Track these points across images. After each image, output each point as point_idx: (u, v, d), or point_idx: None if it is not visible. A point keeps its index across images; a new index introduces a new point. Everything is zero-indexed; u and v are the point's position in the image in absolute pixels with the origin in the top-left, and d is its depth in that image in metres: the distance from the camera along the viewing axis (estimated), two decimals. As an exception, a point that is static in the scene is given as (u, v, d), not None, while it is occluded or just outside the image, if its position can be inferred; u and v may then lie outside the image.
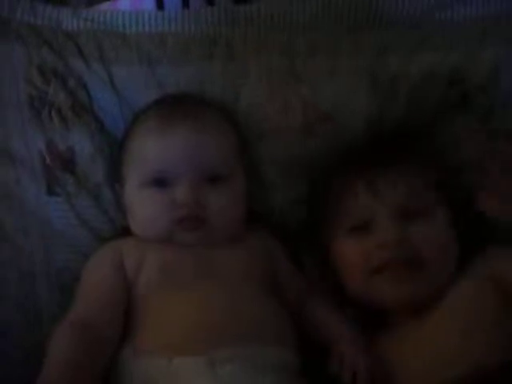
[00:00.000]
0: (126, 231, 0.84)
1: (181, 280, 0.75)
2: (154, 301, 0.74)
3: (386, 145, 0.85)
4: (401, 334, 0.75)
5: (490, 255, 0.76)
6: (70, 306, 0.80)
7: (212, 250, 0.78)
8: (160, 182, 0.79)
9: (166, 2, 0.91)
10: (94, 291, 0.75)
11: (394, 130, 0.88)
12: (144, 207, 0.80)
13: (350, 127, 0.89)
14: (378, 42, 0.88)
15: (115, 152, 0.87)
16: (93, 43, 0.86)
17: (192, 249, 0.78)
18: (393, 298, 0.75)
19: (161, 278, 0.76)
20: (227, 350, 0.67)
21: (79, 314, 0.72)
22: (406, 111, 0.89)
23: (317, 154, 0.89)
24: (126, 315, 0.74)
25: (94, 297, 0.74)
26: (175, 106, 0.83)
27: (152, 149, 0.80)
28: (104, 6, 0.91)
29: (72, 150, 0.86)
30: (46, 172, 0.86)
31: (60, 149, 0.86)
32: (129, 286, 0.76)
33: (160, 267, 0.76)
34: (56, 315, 0.83)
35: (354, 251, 0.77)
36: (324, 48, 0.89)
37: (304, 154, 0.89)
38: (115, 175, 0.86)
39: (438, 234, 0.76)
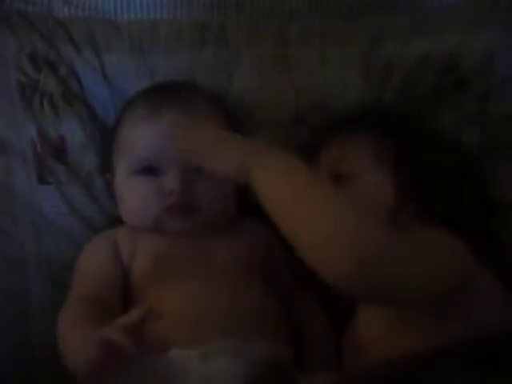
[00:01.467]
0: (118, 221, 0.84)
1: (173, 270, 0.75)
2: (148, 292, 0.73)
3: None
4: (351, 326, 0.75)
5: None
6: (60, 294, 0.80)
7: (205, 240, 0.78)
8: (149, 171, 0.78)
9: (159, -11, 0.91)
10: (92, 272, 0.75)
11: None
12: (133, 196, 0.79)
13: (340, 116, 0.87)
14: (371, 29, 0.88)
15: (106, 141, 0.87)
16: (84, 30, 0.86)
17: (184, 238, 0.77)
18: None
19: (153, 268, 0.75)
20: (220, 343, 0.66)
21: (81, 291, 0.72)
22: (399, 98, 0.88)
23: (308, 141, 0.87)
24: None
25: (93, 276, 0.74)
26: (163, 94, 0.82)
27: (140, 136, 0.79)
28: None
29: (63, 138, 0.86)
30: (37, 160, 0.86)
31: (51, 137, 0.86)
32: (126, 273, 0.76)
33: (152, 257, 0.76)
34: (47, 304, 0.84)
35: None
36: (316, 36, 0.88)
37: (296, 141, 0.88)
38: (106, 165, 0.86)
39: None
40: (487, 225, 0.80)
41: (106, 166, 0.86)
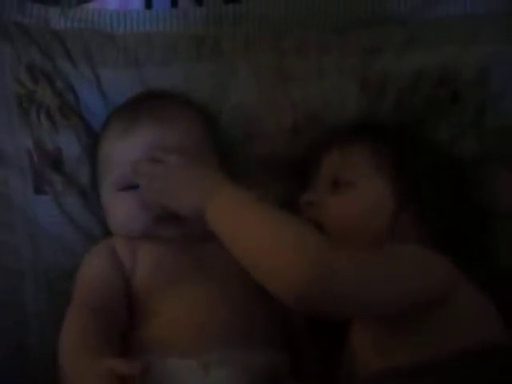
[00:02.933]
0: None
1: (174, 277, 0.75)
2: (148, 301, 0.73)
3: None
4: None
5: None
6: (56, 303, 0.82)
7: (202, 248, 0.78)
8: (132, 185, 0.78)
9: (155, 1, 0.90)
10: (94, 282, 0.74)
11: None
12: (118, 210, 0.80)
13: (339, 128, 0.88)
14: (367, 41, 0.88)
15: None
16: (80, 43, 0.87)
17: (183, 246, 0.77)
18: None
19: (154, 276, 0.75)
20: (220, 352, 0.67)
21: (84, 300, 0.71)
22: (395, 111, 0.88)
23: (305, 154, 0.88)
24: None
25: (95, 286, 0.73)
26: (137, 108, 0.82)
27: (117, 150, 0.80)
28: (92, 5, 0.91)
29: (59, 149, 0.86)
30: (33, 171, 0.86)
31: (48, 148, 0.86)
32: (127, 281, 0.75)
33: (152, 264, 0.76)
34: (43, 313, 0.84)
35: None
36: (313, 48, 0.88)
37: (293, 153, 0.89)
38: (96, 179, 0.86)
39: None
40: (481, 235, 0.81)
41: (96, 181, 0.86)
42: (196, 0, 0.92)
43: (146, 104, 0.83)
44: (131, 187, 0.78)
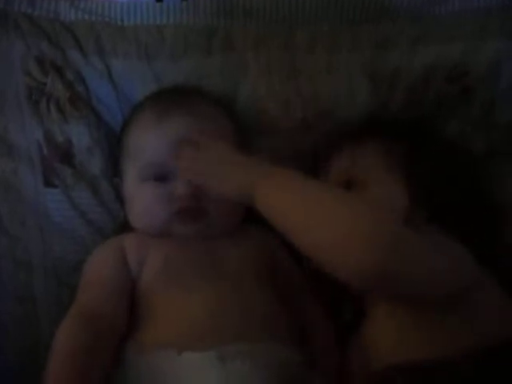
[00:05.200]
0: (124, 225, 0.84)
1: (185, 276, 0.75)
2: (160, 297, 0.73)
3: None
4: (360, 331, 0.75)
5: None
6: (66, 296, 0.82)
7: (215, 245, 0.78)
8: (158, 176, 0.78)
9: (165, -6, 0.90)
10: (97, 283, 0.75)
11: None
12: (143, 201, 0.80)
13: (350, 123, 0.88)
14: (378, 37, 0.88)
15: (113, 145, 0.87)
16: (90, 35, 0.86)
17: (195, 244, 0.77)
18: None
19: (165, 274, 0.75)
20: (236, 346, 0.67)
21: (83, 305, 0.71)
22: (406, 106, 0.88)
23: (315, 149, 0.88)
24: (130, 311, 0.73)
25: (98, 288, 0.73)
26: (171, 98, 0.83)
27: (148, 141, 0.80)
28: (103, -3, 0.91)
29: (70, 141, 0.86)
30: (43, 163, 0.86)
31: (58, 140, 0.86)
32: (133, 281, 0.75)
33: (163, 263, 0.76)
34: (52, 306, 0.85)
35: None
36: (324, 42, 0.88)
37: (303, 148, 0.89)
38: (114, 169, 0.86)
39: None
40: (493, 231, 0.81)
41: (113, 171, 0.86)
42: (207, -8, 0.91)
43: (175, 97, 0.83)
44: (160, 176, 0.78)
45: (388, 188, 0.78)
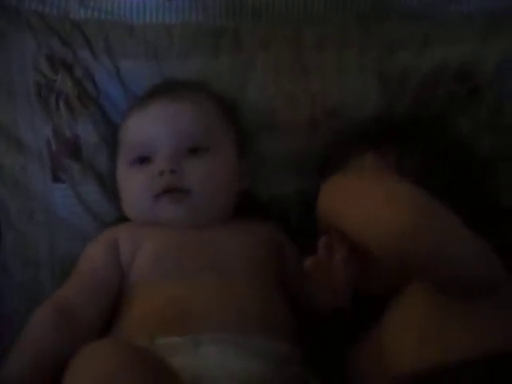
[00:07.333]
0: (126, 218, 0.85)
1: (173, 266, 0.74)
2: (143, 289, 0.73)
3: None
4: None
5: None
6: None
7: (209, 236, 0.78)
8: (143, 160, 0.79)
9: (175, -8, 0.90)
10: (83, 275, 0.75)
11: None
12: (129, 186, 0.81)
13: (358, 122, 0.88)
14: (386, 36, 0.88)
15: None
16: (100, 34, 0.87)
17: (188, 234, 0.77)
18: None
19: (154, 265, 0.75)
20: (213, 334, 0.66)
21: (63, 296, 0.72)
22: (414, 106, 0.88)
23: (323, 148, 0.88)
24: (117, 305, 0.74)
25: (83, 281, 0.74)
26: (162, 86, 0.84)
27: (133, 122, 0.81)
28: (112, -5, 0.91)
29: (78, 137, 0.87)
30: (52, 159, 0.87)
31: (66, 136, 0.87)
32: (122, 273, 0.76)
33: (156, 252, 0.76)
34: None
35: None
36: (332, 42, 0.88)
37: (310, 148, 0.89)
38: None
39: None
40: (499, 233, 0.80)
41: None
42: (216, -9, 0.92)
43: (164, 86, 0.84)
44: (144, 160, 0.79)
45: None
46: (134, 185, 0.80)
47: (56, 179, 0.87)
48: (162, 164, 0.77)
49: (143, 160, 0.79)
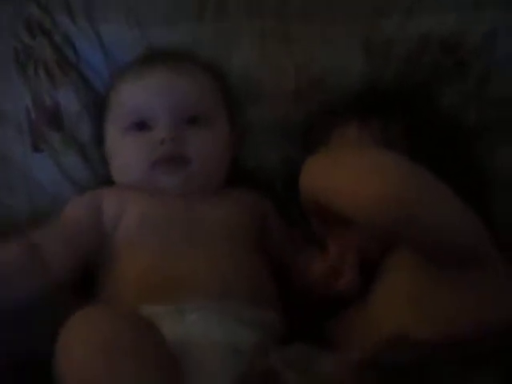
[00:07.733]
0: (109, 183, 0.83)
1: (158, 232, 0.74)
2: (128, 252, 0.73)
3: None
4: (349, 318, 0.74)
5: None
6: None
7: (197, 202, 0.77)
8: (140, 126, 0.78)
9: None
10: (59, 224, 0.75)
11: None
12: (124, 151, 0.79)
13: (343, 91, 0.87)
14: (372, 6, 0.87)
15: (101, 111, 0.86)
16: (80, -1, 0.85)
17: (174, 201, 0.77)
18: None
19: (138, 230, 0.74)
20: (197, 302, 0.66)
21: (33, 236, 0.71)
22: (399, 76, 0.88)
23: (308, 117, 0.88)
24: (102, 269, 0.73)
25: (57, 229, 0.74)
26: (156, 56, 0.83)
27: (130, 91, 0.80)
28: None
29: (58, 106, 0.85)
30: (32, 128, 0.85)
31: (46, 104, 0.85)
32: (104, 233, 0.75)
33: (140, 216, 0.75)
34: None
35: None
36: (317, 11, 0.87)
37: (295, 117, 0.88)
38: (101, 136, 0.85)
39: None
40: (483, 203, 0.81)
41: (101, 137, 0.85)
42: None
43: (162, 55, 0.83)
44: (142, 125, 0.78)
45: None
46: (130, 151, 0.78)
47: (36, 149, 0.85)
48: (163, 132, 0.76)
49: (141, 126, 0.78)
